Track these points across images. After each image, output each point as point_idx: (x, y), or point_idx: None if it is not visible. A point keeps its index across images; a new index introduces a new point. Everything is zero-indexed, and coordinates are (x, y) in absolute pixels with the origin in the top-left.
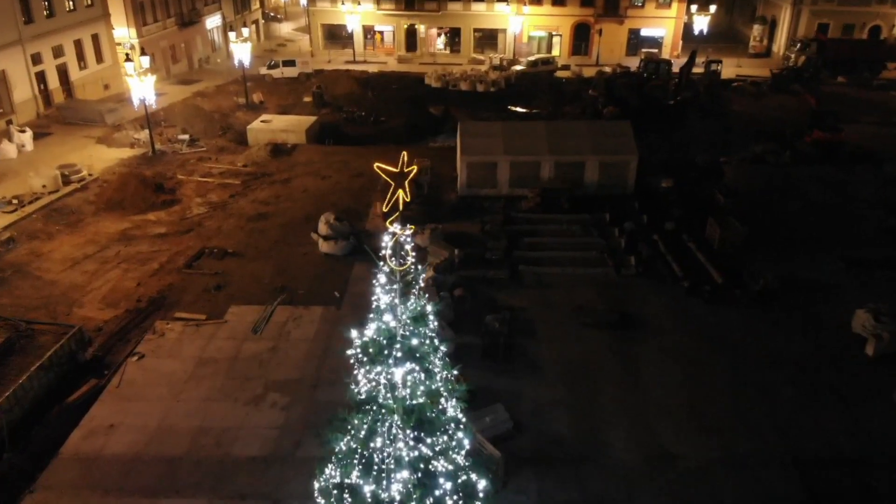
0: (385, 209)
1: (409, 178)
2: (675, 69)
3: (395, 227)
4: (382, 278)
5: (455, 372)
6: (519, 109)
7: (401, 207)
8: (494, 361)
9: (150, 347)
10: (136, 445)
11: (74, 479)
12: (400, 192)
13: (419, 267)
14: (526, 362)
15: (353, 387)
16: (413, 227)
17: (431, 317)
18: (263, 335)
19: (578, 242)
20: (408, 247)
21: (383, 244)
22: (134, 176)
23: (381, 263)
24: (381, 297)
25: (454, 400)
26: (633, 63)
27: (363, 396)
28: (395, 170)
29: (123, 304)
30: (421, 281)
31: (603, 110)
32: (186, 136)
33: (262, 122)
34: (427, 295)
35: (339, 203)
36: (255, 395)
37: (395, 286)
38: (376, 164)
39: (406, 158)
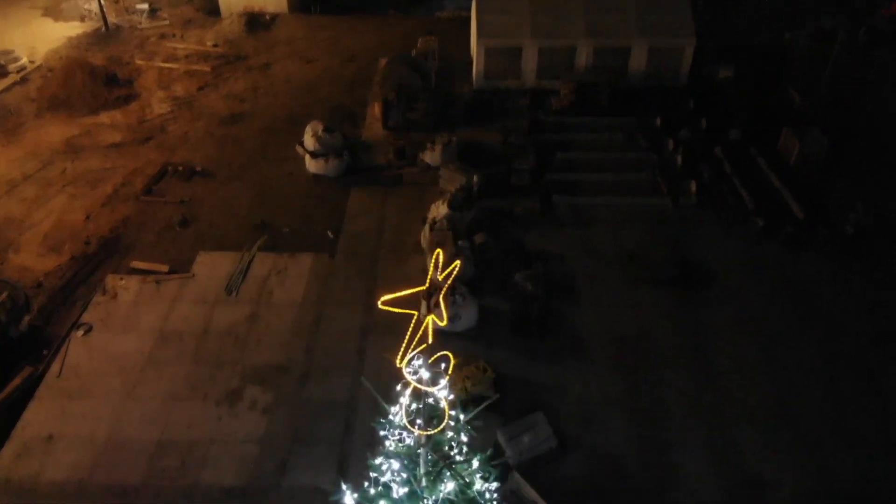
0: (400, 361)
1: (445, 290)
2: None
3: (416, 368)
4: (395, 442)
5: None
6: None
7: (430, 340)
8: (527, 336)
9: (100, 315)
10: (80, 468)
11: None
12: (431, 319)
13: (458, 419)
14: (567, 338)
15: None
16: (449, 369)
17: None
18: (240, 297)
19: (624, 159)
20: (441, 399)
21: (399, 402)
22: (81, 66)
23: (394, 415)
24: (393, 473)
25: None
26: None
27: None
28: (420, 288)
29: (69, 248)
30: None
31: None
32: (146, 6)
33: None
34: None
35: (329, 99)
36: (230, 389)
37: (418, 455)
38: (382, 302)
39: (442, 260)
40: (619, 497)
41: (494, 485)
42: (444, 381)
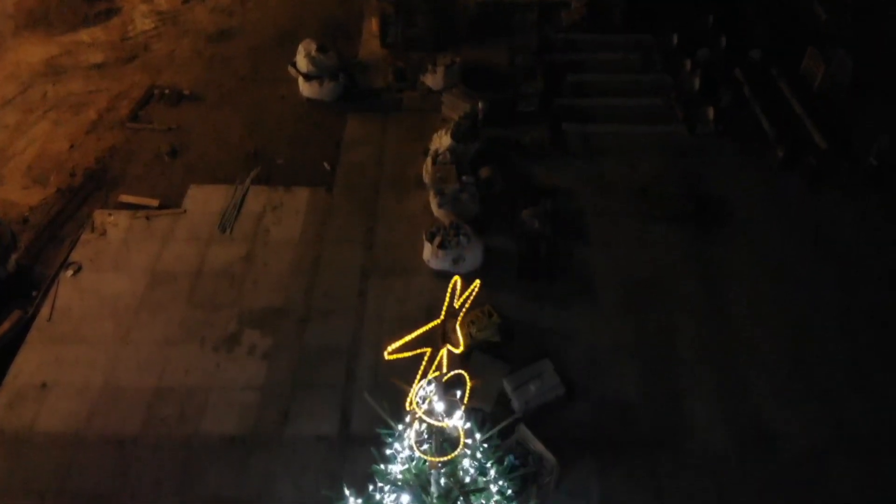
0: (410, 404)
1: (461, 317)
2: None
3: (427, 396)
4: (401, 468)
5: None
6: None
7: (445, 368)
8: (534, 279)
9: (89, 253)
10: (76, 418)
11: (2, 473)
12: (445, 350)
13: (474, 436)
14: (576, 280)
15: None
16: (465, 397)
17: None
18: (234, 234)
19: (639, 82)
20: (458, 422)
21: (406, 431)
22: None
23: (400, 435)
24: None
25: None
26: None
27: None
28: (435, 322)
29: (54, 180)
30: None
31: None
32: None
33: None
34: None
35: (322, 14)
36: (228, 333)
37: (429, 483)
38: (389, 352)
39: (460, 286)
40: (629, 447)
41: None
42: (460, 412)
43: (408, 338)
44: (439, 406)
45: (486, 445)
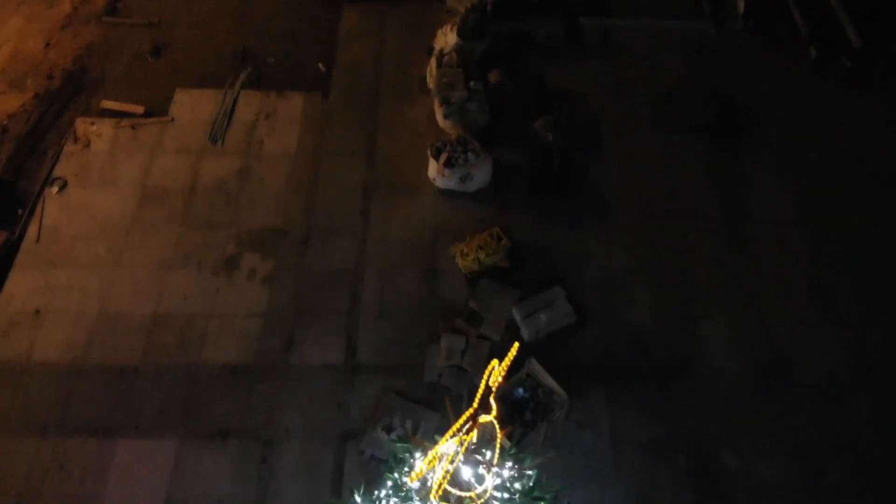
0: (436, 494)
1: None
2: None
3: (450, 455)
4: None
5: None
6: None
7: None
8: (545, 196)
9: (74, 167)
10: (73, 347)
11: (2, 405)
12: (476, 431)
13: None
14: (590, 198)
15: None
16: (495, 458)
17: None
18: (226, 146)
19: None
20: (488, 483)
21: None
22: None
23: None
24: None
25: None
26: None
27: None
28: (468, 412)
29: (31, 83)
30: None
31: None
32: None
33: None
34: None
35: None
36: (226, 255)
37: None
38: (412, 478)
39: (497, 368)
40: (638, 374)
41: None
42: (488, 480)
43: (435, 448)
44: (466, 473)
45: (515, 476)
